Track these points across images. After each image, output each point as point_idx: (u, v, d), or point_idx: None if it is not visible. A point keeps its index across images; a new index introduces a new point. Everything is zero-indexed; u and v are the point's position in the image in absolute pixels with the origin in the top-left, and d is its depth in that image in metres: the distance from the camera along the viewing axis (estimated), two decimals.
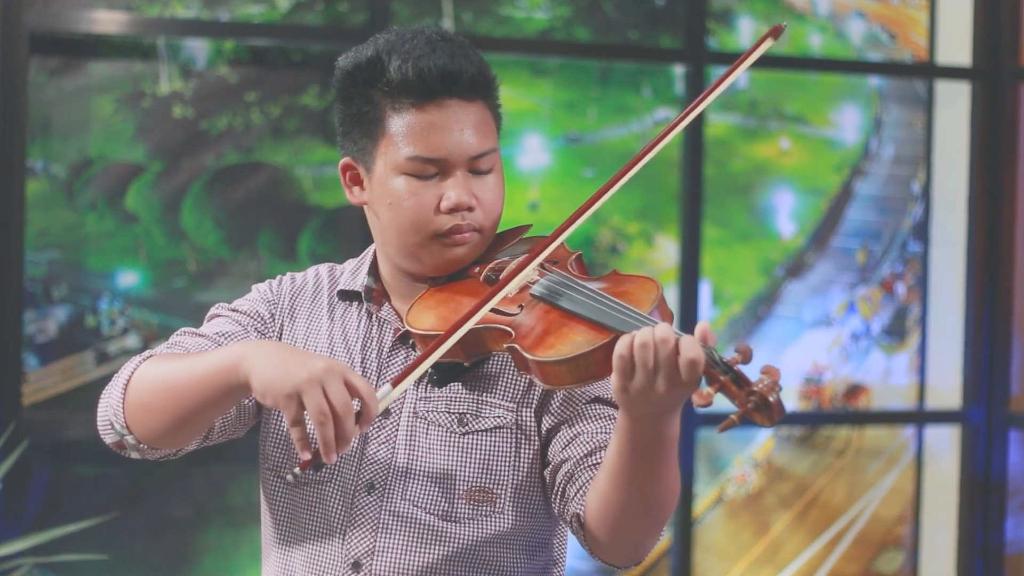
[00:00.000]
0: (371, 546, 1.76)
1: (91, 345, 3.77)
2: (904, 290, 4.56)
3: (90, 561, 3.67)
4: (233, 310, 1.89)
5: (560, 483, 1.74)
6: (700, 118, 4.17)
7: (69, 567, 3.70)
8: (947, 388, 4.56)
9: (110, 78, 3.77)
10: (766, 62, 4.30)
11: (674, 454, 1.60)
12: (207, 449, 1.92)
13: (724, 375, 1.48)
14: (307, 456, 1.57)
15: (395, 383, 1.61)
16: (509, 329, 1.65)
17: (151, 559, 3.83)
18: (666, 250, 4.26)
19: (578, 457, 1.73)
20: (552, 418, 1.77)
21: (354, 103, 1.80)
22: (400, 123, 1.76)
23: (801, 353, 4.44)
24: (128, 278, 3.80)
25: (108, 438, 1.78)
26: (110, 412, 1.76)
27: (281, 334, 1.87)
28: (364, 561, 1.76)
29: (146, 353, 1.79)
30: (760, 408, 1.46)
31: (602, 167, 4.19)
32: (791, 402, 4.42)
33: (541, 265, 1.71)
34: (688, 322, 4.17)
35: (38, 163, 3.72)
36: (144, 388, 1.72)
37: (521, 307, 1.68)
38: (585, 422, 1.75)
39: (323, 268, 1.94)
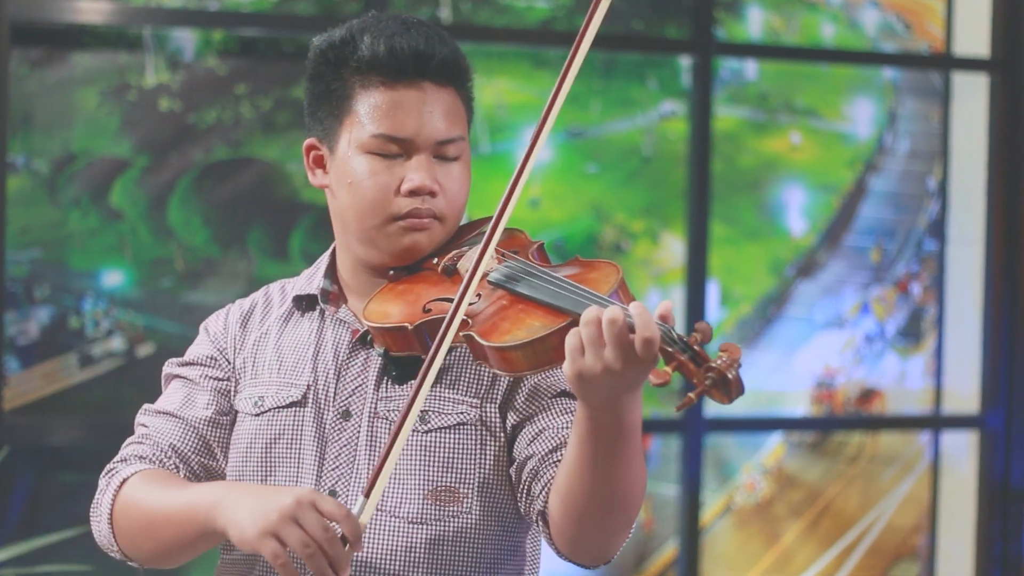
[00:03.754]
0: None
1: (74, 347, 3.77)
2: (920, 290, 4.56)
3: (73, 572, 3.65)
4: (184, 364, 1.90)
5: (525, 480, 1.72)
6: (707, 111, 4.20)
7: None
8: (964, 392, 4.55)
9: (94, 70, 3.77)
10: (777, 53, 4.28)
11: (637, 443, 1.58)
12: None
13: (682, 354, 1.49)
14: None
15: (367, 492, 1.60)
16: (466, 318, 1.65)
17: (136, 571, 3.77)
18: (672, 248, 4.26)
19: (543, 453, 1.71)
20: (517, 414, 1.75)
21: (323, 80, 1.80)
22: (368, 100, 1.76)
23: (813, 355, 4.44)
24: (113, 278, 3.79)
25: (114, 555, 1.85)
26: (104, 540, 1.82)
27: (235, 363, 1.88)
28: None
29: (127, 469, 1.79)
30: (718, 385, 1.47)
31: (606, 162, 4.19)
32: (802, 407, 4.44)
33: (501, 253, 1.72)
34: (694, 323, 4.14)
35: (19, 158, 3.72)
36: (128, 521, 1.77)
37: (479, 295, 1.68)
38: (550, 417, 1.73)
39: (274, 286, 1.95)
